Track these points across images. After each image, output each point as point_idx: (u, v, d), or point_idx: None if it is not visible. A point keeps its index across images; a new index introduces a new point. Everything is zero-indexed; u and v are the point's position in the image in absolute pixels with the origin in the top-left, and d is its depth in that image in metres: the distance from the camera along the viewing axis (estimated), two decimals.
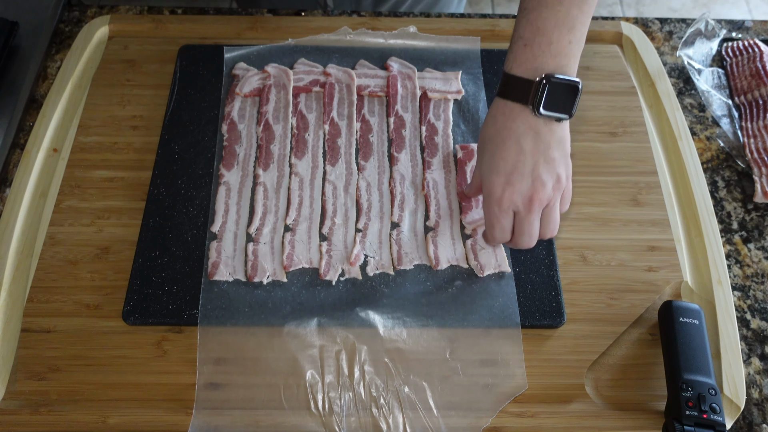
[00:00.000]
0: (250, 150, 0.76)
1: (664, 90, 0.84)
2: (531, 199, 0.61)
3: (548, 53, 0.59)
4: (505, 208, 0.61)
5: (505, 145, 0.61)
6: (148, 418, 0.61)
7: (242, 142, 0.77)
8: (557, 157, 0.61)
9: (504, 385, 0.63)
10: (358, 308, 0.66)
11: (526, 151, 0.60)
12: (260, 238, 0.70)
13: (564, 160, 0.62)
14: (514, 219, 0.63)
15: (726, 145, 0.81)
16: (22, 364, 0.64)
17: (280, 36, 0.87)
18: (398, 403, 0.62)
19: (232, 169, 0.75)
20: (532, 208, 0.61)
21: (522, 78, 0.60)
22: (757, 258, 0.73)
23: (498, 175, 0.61)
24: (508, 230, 0.64)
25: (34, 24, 0.88)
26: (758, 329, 0.69)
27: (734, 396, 0.62)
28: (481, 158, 0.63)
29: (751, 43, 0.87)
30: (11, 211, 0.72)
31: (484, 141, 0.63)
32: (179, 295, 0.66)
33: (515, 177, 0.60)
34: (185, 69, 0.83)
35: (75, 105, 0.81)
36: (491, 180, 0.61)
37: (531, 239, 0.64)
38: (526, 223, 0.62)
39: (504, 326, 0.65)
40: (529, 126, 0.60)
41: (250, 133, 0.78)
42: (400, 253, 0.69)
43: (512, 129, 0.60)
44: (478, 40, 0.87)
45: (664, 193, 0.76)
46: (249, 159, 0.76)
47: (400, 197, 0.73)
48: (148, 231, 0.70)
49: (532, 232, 0.63)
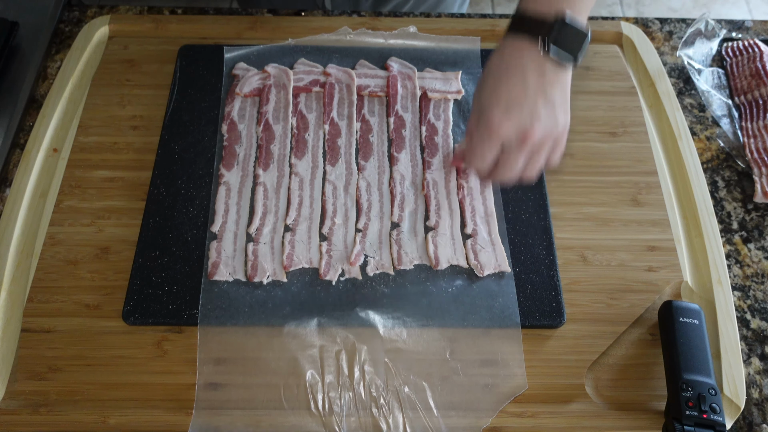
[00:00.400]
0: (250, 150, 0.76)
1: (664, 90, 0.84)
2: (525, 134, 0.60)
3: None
4: (497, 138, 0.61)
5: (509, 78, 0.61)
6: (148, 418, 0.61)
7: (242, 142, 0.77)
8: (558, 101, 0.61)
9: (504, 385, 0.63)
10: (358, 308, 0.66)
11: (530, 86, 0.60)
12: (260, 238, 0.70)
13: (563, 107, 0.62)
14: (500, 154, 0.62)
15: (726, 145, 0.81)
16: (22, 364, 0.64)
17: (280, 36, 0.87)
18: (398, 403, 0.62)
19: (232, 169, 0.75)
20: (523, 145, 0.61)
21: (535, 16, 0.60)
22: (757, 258, 0.73)
23: (498, 104, 0.60)
24: (489, 161, 0.63)
25: (34, 24, 0.88)
26: (758, 329, 0.69)
27: (734, 396, 0.62)
28: (482, 89, 0.63)
29: (751, 43, 0.87)
30: (11, 211, 0.72)
31: (488, 74, 0.63)
32: (179, 295, 0.66)
33: (515, 109, 0.60)
34: (185, 69, 0.83)
35: (75, 105, 0.81)
36: (490, 109, 0.61)
37: (512, 174, 0.63)
38: (513, 158, 0.62)
39: (504, 326, 0.65)
40: (536, 63, 0.60)
41: (250, 133, 0.78)
42: (400, 253, 0.69)
43: (519, 64, 0.61)
44: (478, 40, 0.87)
45: (664, 193, 0.76)
46: (249, 159, 0.76)
47: (400, 197, 0.73)
48: (148, 231, 0.70)
49: (515, 168, 0.63)
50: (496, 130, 0.60)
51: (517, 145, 0.61)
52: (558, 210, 0.74)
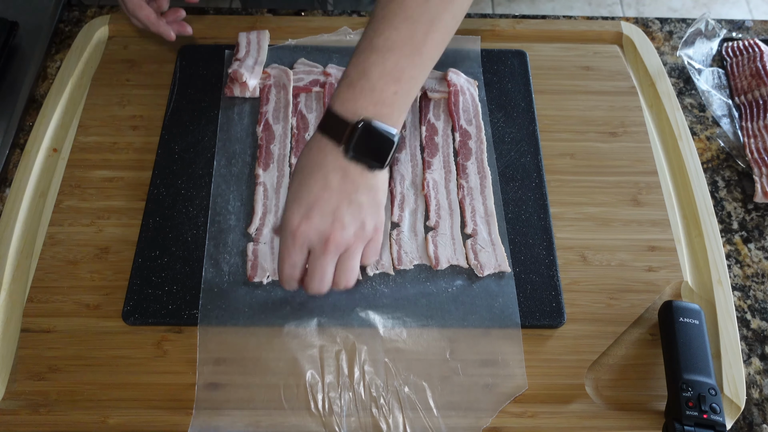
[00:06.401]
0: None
1: (664, 90, 0.84)
2: (327, 239, 0.57)
3: (370, 99, 0.57)
4: (299, 242, 0.58)
5: (312, 178, 0.58)
6: (148, 418, 0.61)
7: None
8: (365, 203, 0.58)
9: (504, 385, 0.63)
10: (358, 308, 0.66)
11: (332, 189, 0.57)
12: (260, 238, 0.70)
13: (373, 209, 0.59)
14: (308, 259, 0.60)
15: (726, 145, 0.81)
16: (22, 364, 0.64)
17: (280, 36, 0.87)
18: (398, 403, 0.62)
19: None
20: (327, 249, 0.58)
21: (340, 117, 0.57)
22: (758, 258, 0.73)
23: (299, 206, 0.58)
24: (298, 268, 0.60)
25: (34, 24, 0.88)
26: (758, 329, 0.69)
27: (734, 396, 0.62)
28: (289, 187, 0.60)
29: (752, 43, 0.87)
30: (11, 211, 0.72)
31: (295, 171, 0.60)
32: (179, 295, 0.66)
33: (315, 212, 0.57)
34: (185, 69, 0.83)
35: (75, 105, 0.81)
36: (291, 209, 0.58)
37: (322, 284, 0.60)
38: (319, 265, 0.59)
39: (504, 326, 0.65)
40: (339, 165, 0.57)
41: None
42: (400, 253, 0.69)
43: (322, 165, 0.58)
44: (478, 40, 0.86)
45: (664, 193, 0.76)
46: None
47: (400, 197, 0.73)
48: (148, 231, 0.70)
49: (324, 276, 0.59)
50: (296, 233, 0.58)
51: (319, 251, 0.58)
52: (558, 210, 0.74)
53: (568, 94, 0.83)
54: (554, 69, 0.86)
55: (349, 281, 0.61)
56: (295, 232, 0.58)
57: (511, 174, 0.76)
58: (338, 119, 0.57)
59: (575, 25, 0.90)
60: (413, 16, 0.57)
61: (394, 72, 0.57)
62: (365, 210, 0.59)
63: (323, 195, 0.57)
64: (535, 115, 0.80)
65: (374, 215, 0.60)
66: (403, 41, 0.57)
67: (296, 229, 0.58)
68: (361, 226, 0.59)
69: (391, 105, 0.58)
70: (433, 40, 0.58)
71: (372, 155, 0.57)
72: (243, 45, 0.83)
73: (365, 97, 0.57)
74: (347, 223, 0.58)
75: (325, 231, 0.58)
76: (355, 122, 0.57)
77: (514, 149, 0.77)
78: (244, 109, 0.80)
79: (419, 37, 0.57)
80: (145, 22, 0.77)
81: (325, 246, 0.58)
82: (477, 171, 0.75)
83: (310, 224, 0.58)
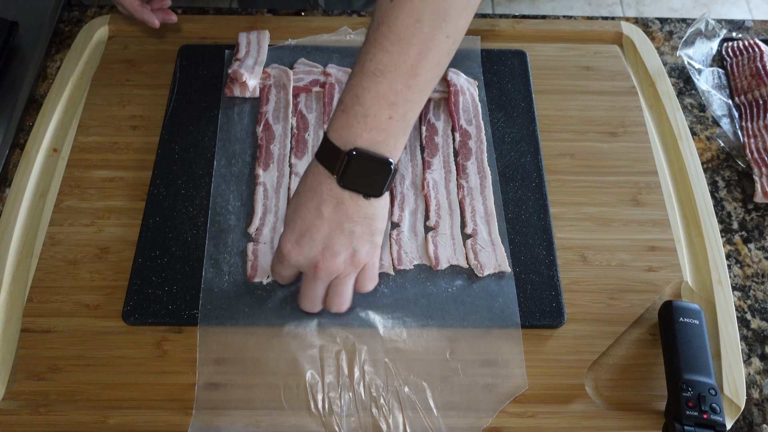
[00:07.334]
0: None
1: (664, 90, 0.84)
2: (316, 266, 0.58)
3: (363, 125, 0.55)
4: (288, 264, 0.60)
5: (305, 206, 0.58)
6: (148, 418, 0.61)
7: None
8: (358, 232, 0.58)
9: (504, 385, 0.63)
10: (358, 308, 0.66)
11: (324, 218, 0.57)
12: (260, 238, 0.70)
13: (367, 237, 0.59)
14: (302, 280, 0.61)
15: (726, 145, 0.81)
16: (22, 364, 0.64)
17: (280, 36, 0.87)
18: (398, 403, 0.62)
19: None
20: (316, 275, 0.59)
21: (333, 145, 0.56)
22: (758, 258, 0.73)
23: (292, 232, 0.59)
24: (287, 281, 0.63)
25: (34, 24, 0.88)
26: (758, 329, 0.69)
27: (734, 396, 0.62)
28: (287, 210, 0.61)
29: (752, 43, 0.87)
30: (11, 211, 0.72)
31: (294, 194, 0.60)
32: (179, 295, 0.66)
33: (305, 240, 0.58)
34: (185, 69, 0.83)
35: (75, 105, 0.81)
36: (285, 234, 0.59)
37: (313, 306, 0.62)
38: (310, 288, 0.60)
39: (504, 326, 0.65)
40: (332, 195, 0.57)
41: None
42: (400, 253, 0.69)
43: (317, 192, 0.57)
44: (478, 40, 0.86)
45: (664, 193, 0.76)
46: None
47: (400, 197, 0.73)
48: (148, 231, 0.70)
49: (315, 300, 0.61)
50: (287, 257, 0.59)
51: (309, 276, 0.60)
52: (558, 210, 0.74)
53: (568, 94, 0.83)
54: (554, 69, 0.86)
55: (341, 306, 0.62)
56: (287, 255, 0.59)
57: (511, 174, 0.76)
58: (332, 147, 0.56)
59: (575, 25, 0.90)
60: (405, 38, 0.54)
61: (388, 96, 0.55)
62: (357, 238, 0.58)
63: (315, 223, 0.58)
64: (535, 115, 0.80)
65: (369, 243, 0.59)
66: (396, 64, 0.54)
67: (287, 253, 0.59)
68: (352, 254, 0.59)
69: (386, 131, 0.56)
70: (428, 60, 0.56)
71: (365, 185, 0.57)
72: (243, 45, 0.83)
73: (359, 123, 0.55)
74: (337, 250, 0.58)
75: (314, 258, 0.58)
76: (347, 151, 0.55)
77: (514, 149, 0.77)
78: (244, 109, 0.80)
79: (412, 59, 0.55)
80: (129, 8, 0.77)
81: (315, 272, 0.59)
82: (477, 171, 0.75)
83: (300, 251, 0.59)
